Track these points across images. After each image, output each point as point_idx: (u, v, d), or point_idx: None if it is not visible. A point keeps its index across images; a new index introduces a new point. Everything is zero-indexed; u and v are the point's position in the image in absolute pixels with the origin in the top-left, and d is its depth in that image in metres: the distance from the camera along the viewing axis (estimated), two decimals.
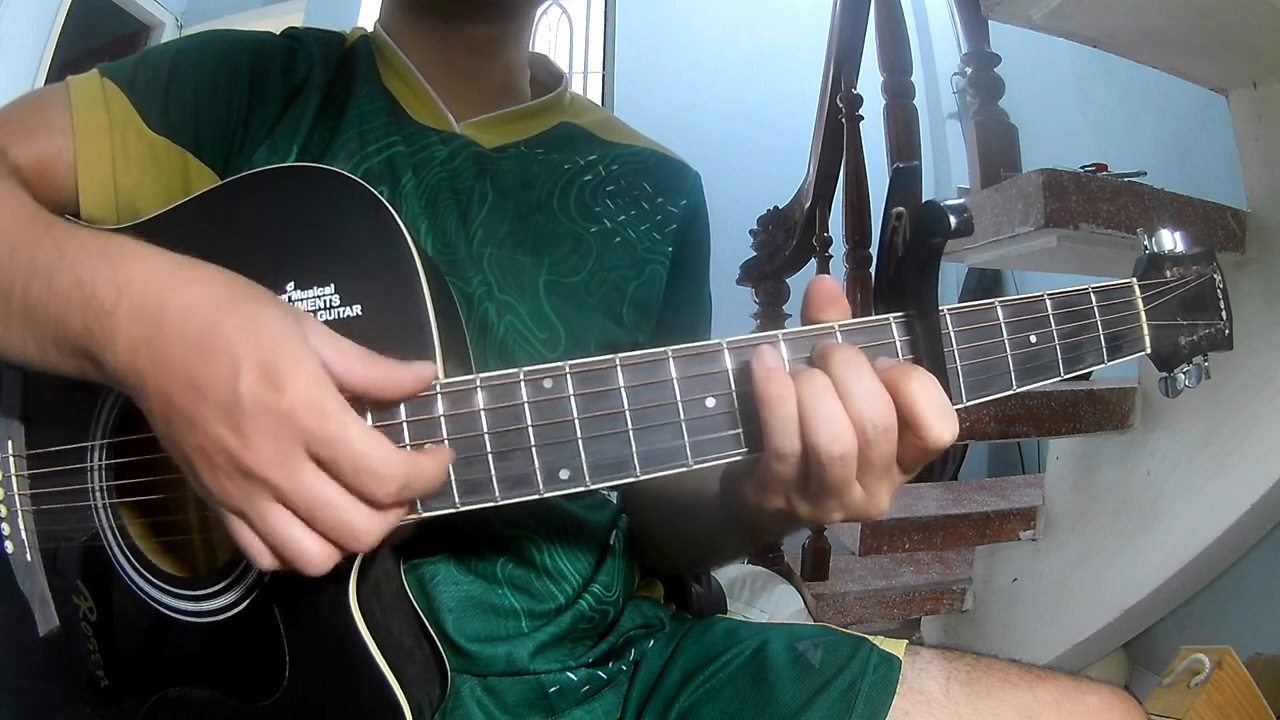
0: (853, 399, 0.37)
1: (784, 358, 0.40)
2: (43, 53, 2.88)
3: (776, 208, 1.88)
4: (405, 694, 0.43)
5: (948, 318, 0.42)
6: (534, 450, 0.39)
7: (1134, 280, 0.48)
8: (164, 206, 0.48)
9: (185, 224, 0.47)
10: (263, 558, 0.37)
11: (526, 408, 0.39)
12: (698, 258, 0.71)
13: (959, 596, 1.63)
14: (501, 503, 0.40)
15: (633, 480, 0.40)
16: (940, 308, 0.41)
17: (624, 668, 0.62)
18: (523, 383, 0.39)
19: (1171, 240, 0.50)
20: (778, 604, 1.52)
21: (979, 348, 0.42)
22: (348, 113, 0.60)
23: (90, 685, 0.52)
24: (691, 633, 0.64)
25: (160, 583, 0.48)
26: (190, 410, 0.36)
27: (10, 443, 0.52)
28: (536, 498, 0.40)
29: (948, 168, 3.45)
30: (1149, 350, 0.48)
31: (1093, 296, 0.45)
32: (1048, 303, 0.44)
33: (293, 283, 0.42)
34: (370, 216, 0.43)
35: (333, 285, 0.42)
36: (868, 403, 0.37)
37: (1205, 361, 0.50)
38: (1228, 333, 0.50)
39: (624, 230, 0.65)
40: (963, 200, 0.40)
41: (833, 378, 0.38)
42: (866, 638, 0.57)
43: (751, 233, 1.90)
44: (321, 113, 0.60)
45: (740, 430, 0.40)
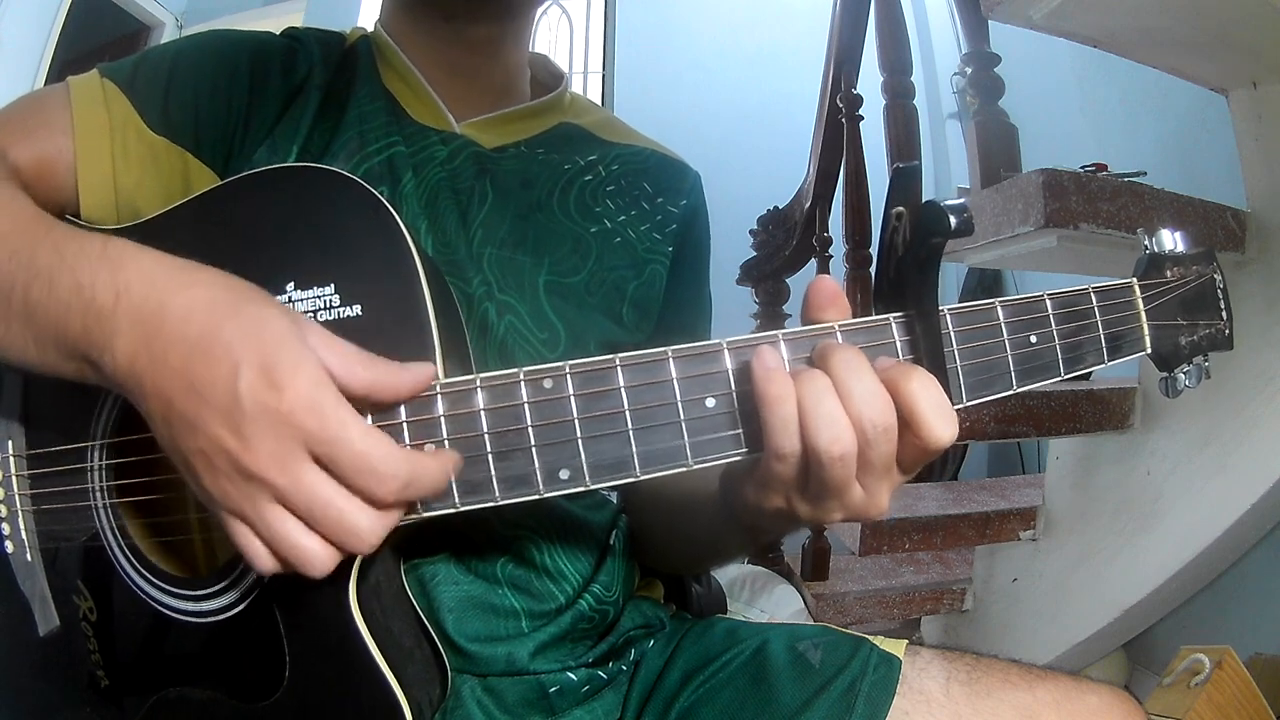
0: (852, 399, 0.37)
1: (784, 358, 0.40)
2: (43, 53, 2.88)
3: (776, 208, 1.88)
4: (405, 694, 0.43)
5: (948, 318, 0.42)
6: (534, 450, 0.39)
7: (1134, 280, 0.48)
8: (164, 207, 0.48)
9: (185, 224, 0.47)
10: (263, 561, 0.37)
11: (526, 408, 0.39)
12: (698, 258, 0.71)
13: (959, 596, 1.63)
14: (501, 503, 0.40)
15: (633, 480, 0.40)
16: (940, 308, 0.41)
17: (624, 668, 0.62)
18: (523, 383, 0.39)
19: (1172, 240, 0.50)
20: (778, 604, 1.51)
21: (979, 348, 0.42)
22: (348, 113, 0.60)
23: (90, 685, 0.52)
24: (691, 633, 0.64)
25: (160, 583, 0.48)
26: (190, 413, 0.36)
27: (10, 443, 0.52)
28: (536, 498, 0.40)
29: (948, 168, 3.45)
30: (1149, 350, 0.48)
31: (1093, 296, 0.45)
32: (1048, 303, 0.44)
33: (293, 283, 0.42)
34: (370, 216, 0.43)
35: (333, 285, 0.42)
36: (867, 403, 0.37)
37: (1205, 361, 0.50)
38: (1228, 333, 0.50)
39: (624, 230, 0.65)
40: (963, 200, 0.40)
41: (833, 378, 0.38)
42: (866, 638, 0.57)
43: (751, 233, 1.90)
44: (321, 113, 0.60)
45: (740, 430, 0.40)
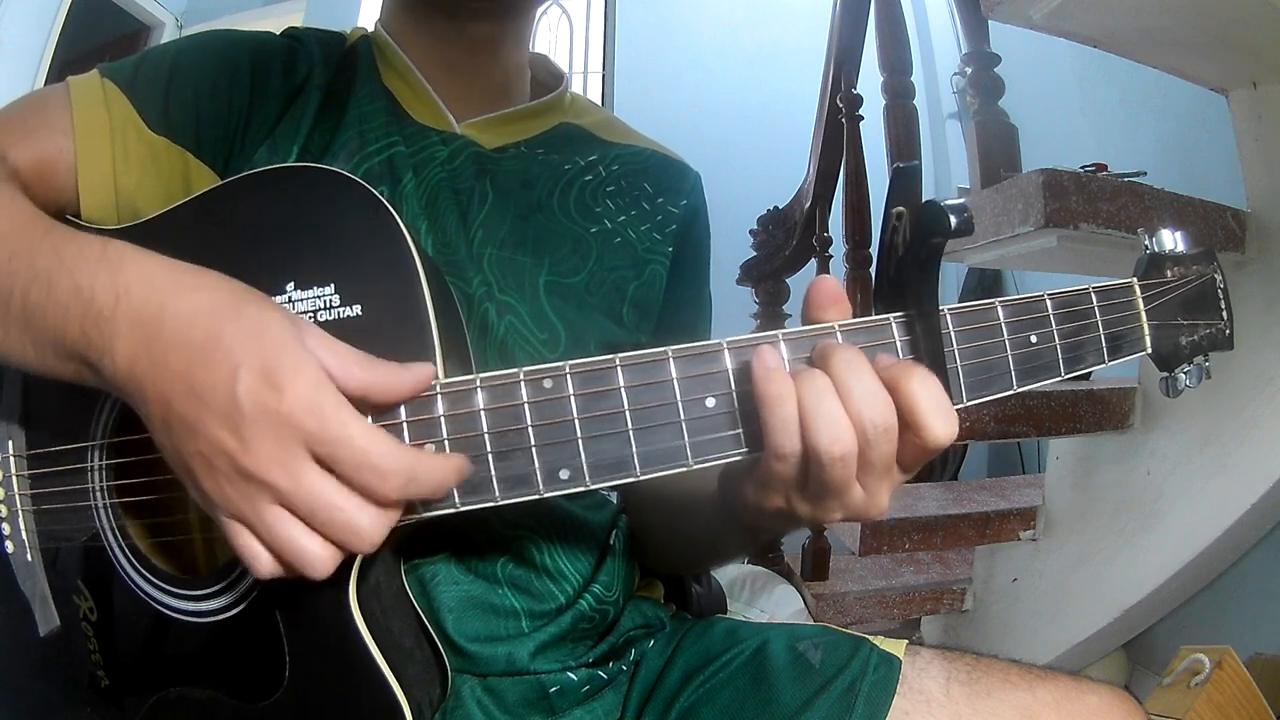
0: (853, 399, 0.37)
1: (784, 358, 0.40)
2: (43, 53, 2.88)
3: (776, 208, 1.88)
4: (405, 694, 0.43)
5: (948, 317, 0.42)
6: (534, 450, 0.39)
7: (1134, 280, 0.48)
8: (164, 207, 0.48)
9: (185, 224, 0.47)
10: (263, 564, 0.37)
11: (526, 408, 0.39)
12: (698, 258, 0.71)
13: (959, 596, 1.63)
14: (501, 503, 0.40)
15: (633, 480, 0.40)
16: (940, 307, 0.41)
17: (624, 668, 0.62)
18: (523, 383, 0.39)
19: (1172, 240, 0.50)
20: (778, 604, 1.51)
21: (979, 347, 0.42)
22: (348, 113, 0.60)
23: (90, 685, 0.52)
24: (691, 633, 0.64)
25: (160, 583, 0.48)
26: (191, 416, 0.36)
27: (11, 443, 0.52)
28: (536, 498, 0.40)
29: (948, 168, 3.45)
30: (1149, 350, 0.48)
31: (1093, 296, 0.45)
32: (1048, 302, 0.44)
33: (293, 283, 0.42)
34: (370, 216, 0.43)
35: (333, 285, 0.42)
36: (868, 403, 0.37)
37: (1206, 361, 0.50)
38: (1228, 333, 0.50)
39: (624, 230, 0.65)
40: (963, 200, 0.40)
41: (833, 378, 0.38)
42: (866, 638, 0.57)
43: (751, 233, 1.90)
44: (322, 113, 0.60)
45: (740, 430, 0.40)
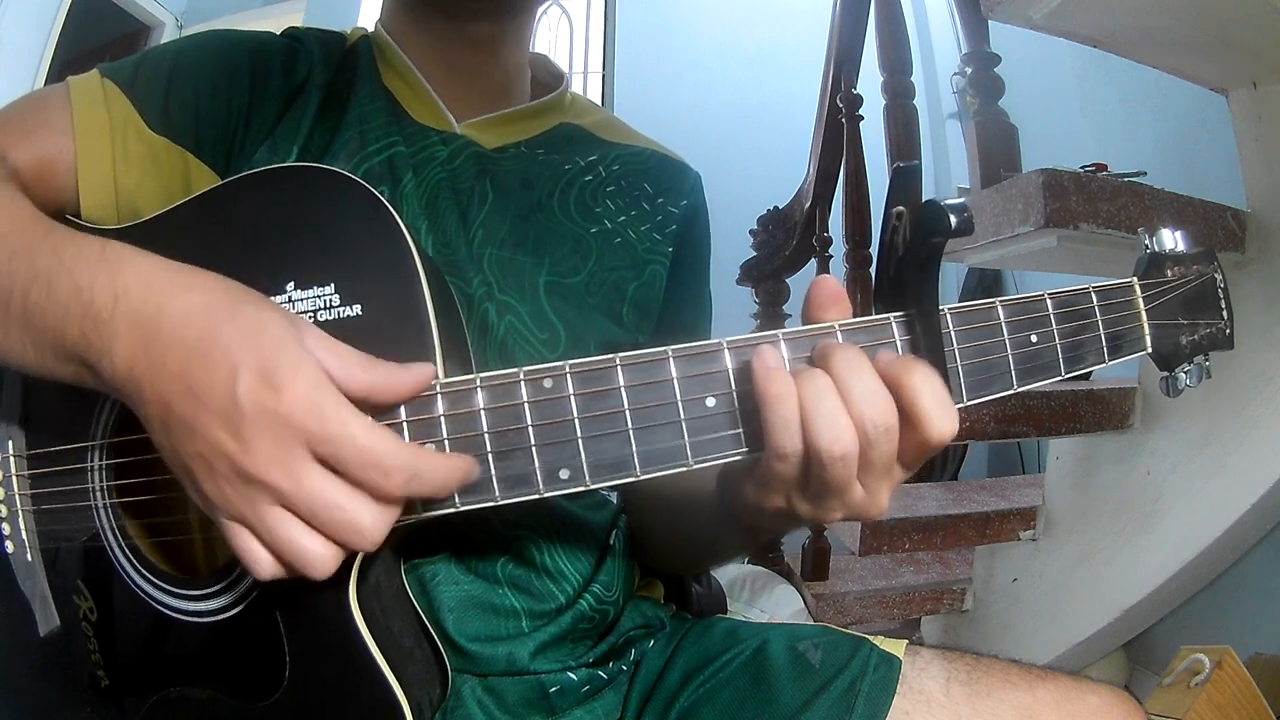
0: (854, 399, 0.37)
1: (784, 357, 0.40)
2: (43, 53, 2.88)
3: (776, 208, 1.88)
4: (406, 694, 0.43)
5: (948, 317, 0.42)
6: (534, 450, 0.39)
7: (1135, 279, 0.48)
8: (164, 207, 0.48)
9: (185, 224, 0.47)
10: (263, 565, 0.37)
11: (526, 407, 0.39)
12: (698, 258, 0.71)
13: (959, 596, 1.63)
14: (501, 502, 0.39)
15: (633, 480, 0.40)
16: (940, 307, 0.41)
17: (624, 668, 0.62)
18: (523, 382, 0.39)
19: (1172, 239, 0.50)
20: (778, 604, 1.51)
21: (979, 347, 0.42)
22: (348, 113, 0.60)
23: (90, 685, 0.52)
24: (691, 633, 0.64)
25: (160, 582, 0.48)
26: (189, 417, 0.36)
27: (11, 443, 0.52)
28: (536, 497, 0.40)
29: (948, 168, 3.45)
30: (1150, 349, 0.48)
31: (1093, 296, 0.45)
32: (1048, 302, 0.44)
33: (293, 282, 0.42)
34: (370, 216, 0.43)
35: (333, 285, 0.42)
36: (869, 403, 0.37)
37: (1206, 361, 0.50)
38: (1229, 332, 0.50)
39: (624, 231, 0.65)
40: (963, 200, 0.40)
41: (834, 377, 0.38)
42: (866, 638, 0.57)
43: (751, 233, 1.90)
44: (322, 113, 0.60)
45: (741, 430, 0.40)
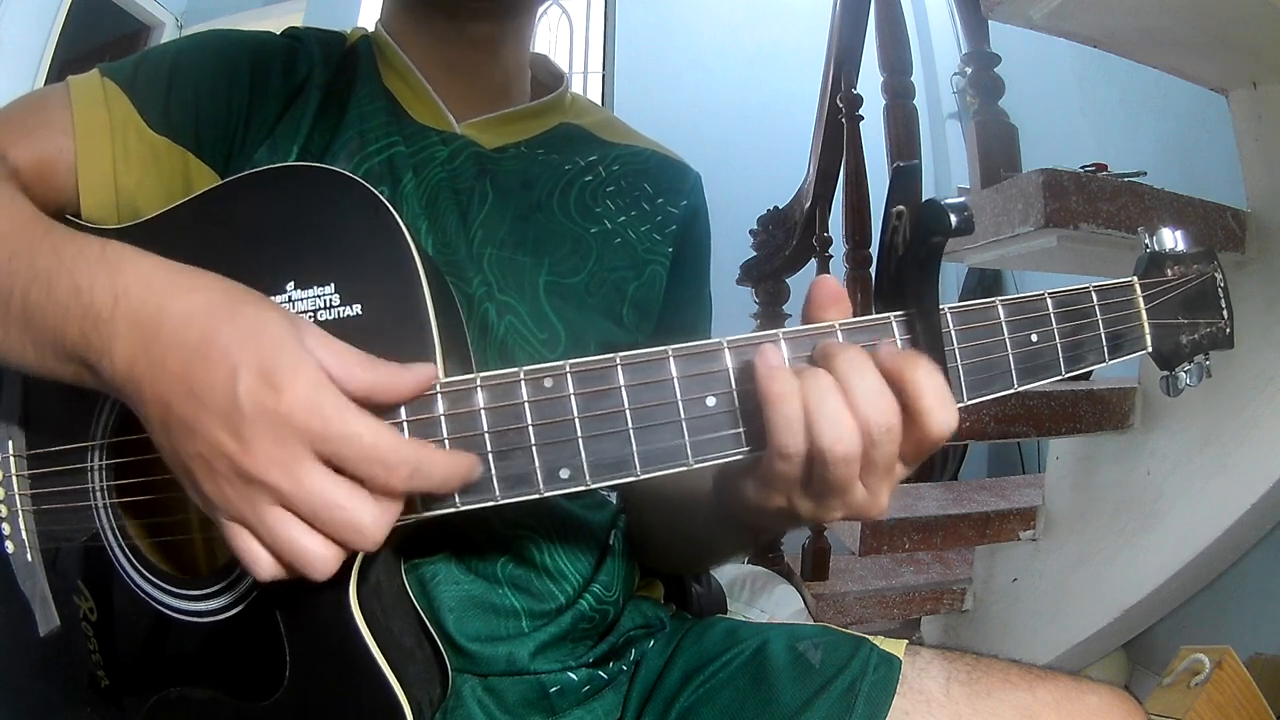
0: (857, 399, 0.37)
1: (785, 357, 0.40)
2: (43, 53, 2.88)
3: (776, 208, 1.88)
4: (406, 694, 0.43)
5: (948, 316, 0.42)
6: (534, 449, 0.39)
7: (1135, 279, 0.48)
8: (165, 206, 0.48)
9: (186, 224, 0.47)
10: (263, 566, 0.37)
11: (527, 407, 0.39)
12: (698, 258, 0.71)
13: (959, 596, 1.63)
14: (501, 502, 0.39)
15: (633, 480, 0.40)
16: (941, 306, 0.41)
17: (624, 668, 0.62)
18: (523, 382, 0.39)
19: (1172, 239, 0.50)
20: (778, 604, 1.51)
21: (980, 346, 0.42)
22: (348, 113, 0.60)
23: (90, 685, 0.52)
24: (691, 633, 0.64)
25: (161, 583, 0.48)
26: (189, 417, 0.36)
27: (10, 443, 0.52)
28: (537, 497, 0.39)
29: (948, 168, 3.45)
30: (1150, 349, 0.48)
31: (1094, 295, 0.45)
32: (1049, 301, 0.44)
33: (293, 282, 0.42)
34: (370, 216, 0.43)
35: (333, 285, 0.42)
36: (873, 403, 0.37)
37: (1206, 360, 0.50)
38: (1229, 331, 0.50)
39: (624, 231, 0.65)
40: (963, 199, 0.40)
41: (837, 377, 0.38)
42: (866, 638, 0.57)
43: (751, 233, 1.90)
44: (322, 112, 0.60)
45: (741, 429, 0.40)
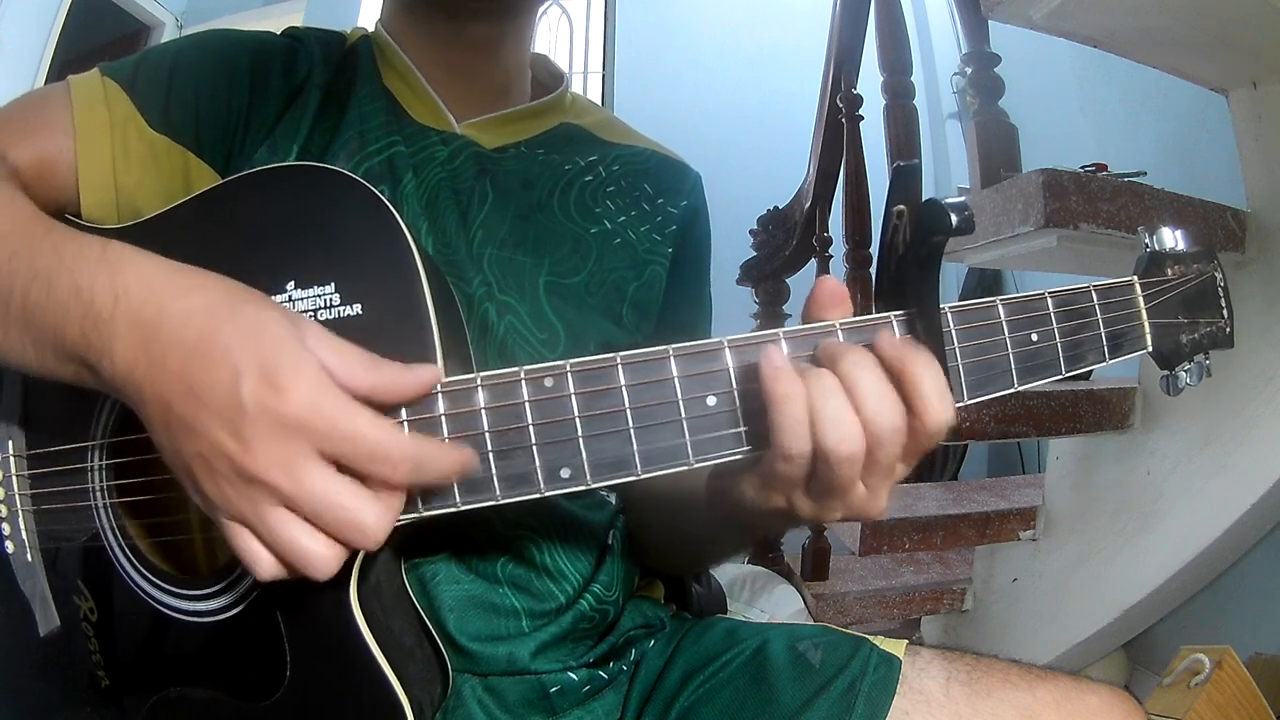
0: (864, 400, 0.37)
1: (787, 356, 0.40)
2: (43, 53, 2.88)
3: (776, 208, 1.88)
4: (406, 693, 0.43)
5: (949, 316, 0.42)
6: (535, 449, 0.39)
7: (1135, 278, 0.48)
8: (165, 206, 0.48)
9: (186, 223, 0.47)
10: (264, 566, 0.37)
11: (527, 406, 0.39)
12: (698, 258, 0.71)
13: (959, 596, 1.63)
14: (502, 502, 0.39)
15: (634, 479, 0.40)
16: (941, 306, 0.41)
17: (624, 668, 0.62)
18: (523, 381, 0.39)
19: (1172, 238, 0.50)
20: (778, 604, 1.51)
21: (980, 345, 0.42)
22: (348, 112, 0.60)
23: (91, 685, 0.52)
24: (691, 633, 0.64)
25: (161, 582, 0.48)
26: (190, 417, 0.36)
27: (10, 443, 0.52)
28: (537, 497, 0.39)
29: (948, 168, 3.45)
30: (1150, 348, 0.48)
31: (1094, 294, 0.45)
32: (1049, 301, 0.44)
33: (293, 281, 0.42)
34: (371, 215, 0.43)
35: (333, 284, 0.42)
36: (879, 404, 0.37)
37: (1206, 359, 0.50)
38: (1229, 330, 0.50)
39: (624, 231, 0.65)
40: (963, 198, 0.40)
41: (842, 378, 0.38)
42: (866, 638, 0.57)
43: (751, 233, 1.90)
44: (322, 112, 0.60)
45: (742, 429, 0.40)
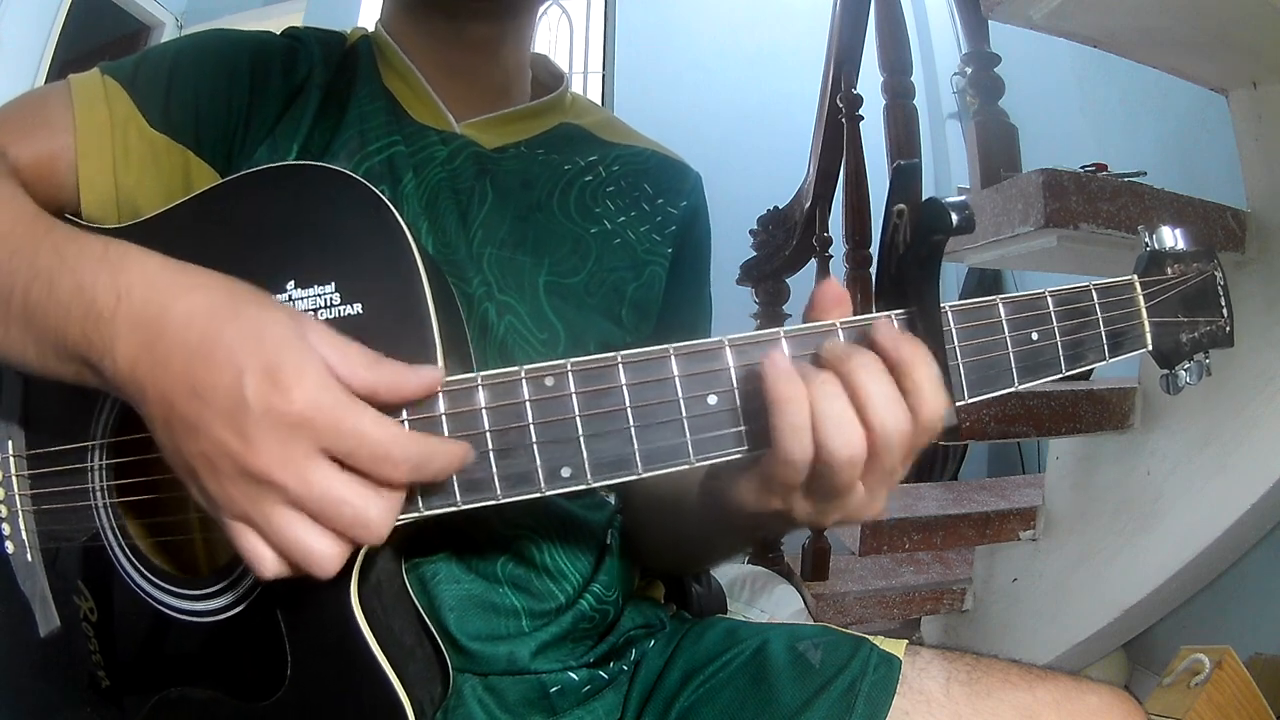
0: (871, 405, 0.37)
1: (789, 357, 0.40)
2: (43, 53, 2.88)
3: (776, 208, 1.88)
4: (407, 692, 0.43)
5: (949, 315, 0.42)
6: (535, 448, 0.39)
7: (1135, 277, 0.48)
8: (165, 205, 0.48)
9: (186, 222, 0.47)
10: (267, 565, 0.37)
11: (528, 406, 0.39)
12: (698, 258, 0.71)
13: (959, 596, 1.63)
14: (503, 501, 0.39)
15: (634, 478, 0.40)
16: (941, 305, 0.41)
17: (624, 668, 0.62)
18: (524, 381, 0.39)
19: (1172, 237, 0.50)
20: (778, 604, 1.51)
21: (981, 345, 0.42)
22: (348, 112, 0.60)
23: (91, 685, 0.52)
24: (691, 633, 0.64)
25: (161, 582, 0.48)
26: (193, 417, 0.36)
27: (10, 443, 0.52)
28: (538, 496, 0.39)
29: (948, 168, 3.45)
30: (1150, 347, 0.48)
31: (1094, 293, 0.46)
32: (1049, 300, 0.44)
33: (293, 281, 0.42)
34: (371, 215, 0.43)
35: (333, 283, 0.42)
36: (885, 407, 0.37)
37: (1206, 359, 0.50)
38: (1229, 330, 0.50)
39: (624, 231, 0.65)
40: (963, 198, 0.40)
41: (848, 381, 0.38)
42: (866, 638, 0.57)
43: (751, 233, 1.90)
44: (322, 112, 0.60)
45: (743, 428, 0.40)
